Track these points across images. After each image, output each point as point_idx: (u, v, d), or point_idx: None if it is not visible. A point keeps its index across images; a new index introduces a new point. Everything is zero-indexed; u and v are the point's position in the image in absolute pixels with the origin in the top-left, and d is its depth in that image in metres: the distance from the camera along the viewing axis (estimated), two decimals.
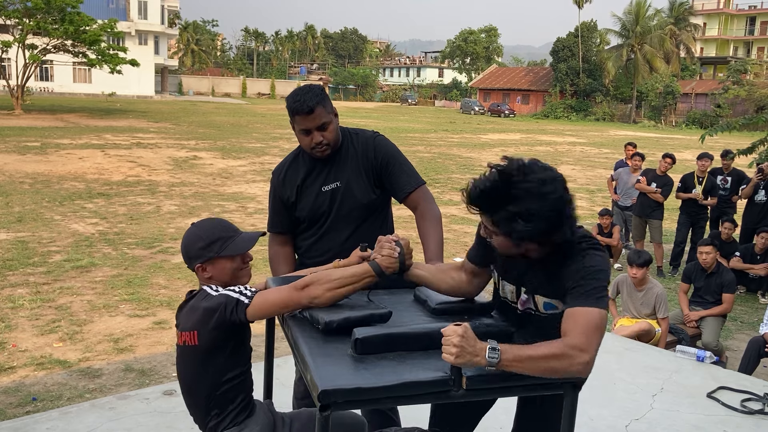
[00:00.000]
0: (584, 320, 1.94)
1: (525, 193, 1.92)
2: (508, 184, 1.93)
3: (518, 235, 1.95)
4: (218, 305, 2.21)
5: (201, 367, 2.27)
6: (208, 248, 2.35)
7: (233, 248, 2.37)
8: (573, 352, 1.88)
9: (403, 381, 1.88)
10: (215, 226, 2.40)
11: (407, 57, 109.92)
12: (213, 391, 2.28)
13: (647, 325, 5.72)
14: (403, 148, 3.20)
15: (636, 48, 51.10)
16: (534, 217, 1.92)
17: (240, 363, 2.32)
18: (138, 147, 19.62)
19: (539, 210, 1.92)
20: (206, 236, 2.36)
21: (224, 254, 2.35)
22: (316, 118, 2.73)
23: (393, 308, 2.37)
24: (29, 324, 5.81)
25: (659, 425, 4.00)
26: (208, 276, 2.36)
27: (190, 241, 2.38)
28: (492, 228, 2.04)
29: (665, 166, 8.89)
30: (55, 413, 3.86)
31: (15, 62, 32.01)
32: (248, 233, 2.45)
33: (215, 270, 2.35)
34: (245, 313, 2.19)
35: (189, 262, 2.39)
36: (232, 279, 2.37)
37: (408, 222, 9.27)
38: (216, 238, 2.36)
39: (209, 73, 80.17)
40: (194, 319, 2.25)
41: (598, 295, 1.99)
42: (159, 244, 8.83)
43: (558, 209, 1.95)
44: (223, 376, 2.28)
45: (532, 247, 2.05)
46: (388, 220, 3.04)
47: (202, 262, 2.35)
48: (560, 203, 1.96)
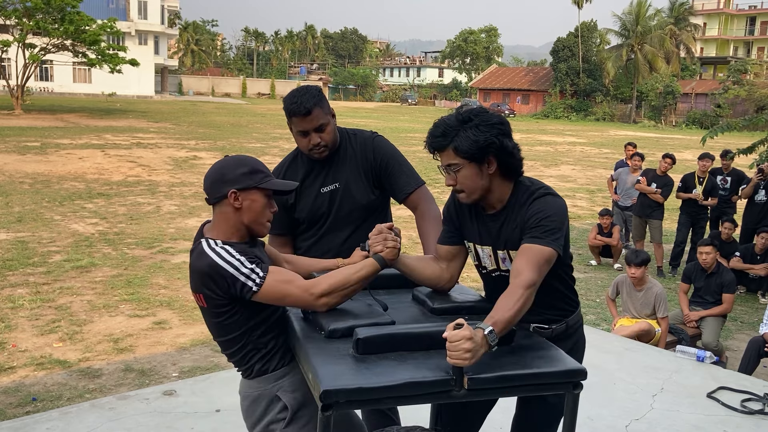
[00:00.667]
0: (535, 257, 2.16)
1: (474, 116, 2.26)
2: (457, 116, 2.28)
3: (476, 145, 2.21)
4: (219, 278, 2.08)
5: (222, 323, 2.19)
6: (250, 175, 2.15)
7: (276, 183, 2.22)
8: (532, 290, 2.12)
9: (405, 381, 1.88)
10: (257, 161, 2.23)
11: (407, 57, 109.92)
12: (248, 336, 2.20)
13: (647, 325, 5.72)
14: (403, 148, 3.20)
15: (636, 48, 51.09)
16: (484, 125, 2.23)
17: (266, 309, 2.21)
18: (138, 147, 19.62)
19: (487, 119, 2.24)
20: (250, 164, 2.18)
21: (265, 186, 2.18)
22: (314, 119, 2.72)
23: (392, 308, 2.37)
24: (29, 324, 5.81)
25: (659, 425, 4.00)
26: (237, 206, 2.14)
27: (230, 164, 2.17)
28: (454, 160, 2.26)
29: (665, 166, 8.89)
30: (55, 413, 3.86)
31: (15, 62, 32.00)
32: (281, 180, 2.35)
33: (248, 201, 2.15)
34: (251, 297, 2.11)
35: (220, 187, 2.14)
36: (256, 220, 2.18)
37: (408, 222, 9.27)
38: (259, 169, 2.19)
39: (209, 73, 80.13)
40: (195, 280, 2.16)
41: (553, 237, 2.21)
42: (159, 244, 8.83)
43: (500, 119, 2.27)
44: (252, 321, 2.18)
45: (492, 170, 2.26)
46: (387, 221, 3.04)
47: (240, 188, 2.13)
48: (502, 117, 2.30)
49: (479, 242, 2.43)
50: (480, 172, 2.26)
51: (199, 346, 5.48)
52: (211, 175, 2.19)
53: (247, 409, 2.30)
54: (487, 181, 2.28)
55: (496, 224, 2.36)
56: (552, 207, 2.25)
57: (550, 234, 2.20)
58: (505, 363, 2.01)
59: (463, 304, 2.45)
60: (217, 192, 2.16)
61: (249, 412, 2.30)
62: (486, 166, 2.25)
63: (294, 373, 2.26)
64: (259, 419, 2.27)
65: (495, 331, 1.95)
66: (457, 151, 2.24)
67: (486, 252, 2.42)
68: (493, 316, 2.01)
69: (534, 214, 2.23)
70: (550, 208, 2.24)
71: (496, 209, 2.35)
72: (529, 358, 2.09)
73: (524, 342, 2.19)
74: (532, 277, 2.11)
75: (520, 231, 2.27)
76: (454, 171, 2.27)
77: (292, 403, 2.22)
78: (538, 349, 2.17)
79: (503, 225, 2.34)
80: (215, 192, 2.17)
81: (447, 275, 2.52)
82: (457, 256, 2.52)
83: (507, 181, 2.32)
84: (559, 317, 2.43)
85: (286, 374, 2.25)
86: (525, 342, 2.19)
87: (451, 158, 2.26)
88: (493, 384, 1.96)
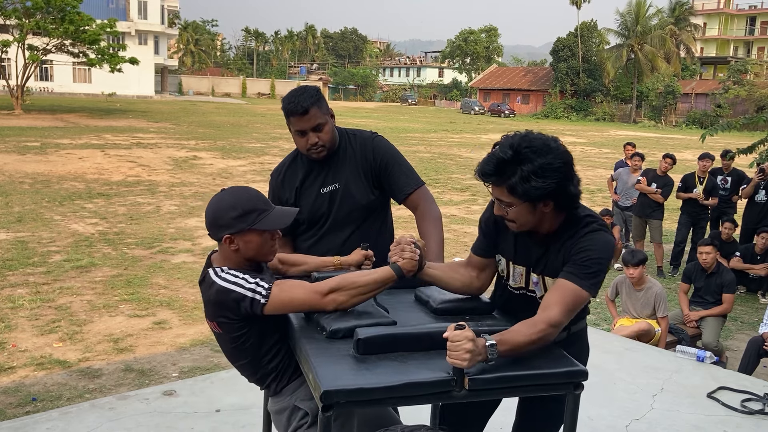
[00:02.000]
0: (571, 298, 2.08)
1: (534, 153, 2.04)
2: (516, 150, 2.05)
3: (536, 192, 2.04)
4: (229, 301, 2.12)
5: (236, 349, 2.27)
6: (242, 219, 2.15)
7: (268, 222, 2.19)
8: (554, 330, 2.04)
9: (406, 381, 1.88)
10: (251, 197, 2.21)
11: (407, 57, 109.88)
12: (258, 362, 2.28)
13: (647, 325, 5.72)
14: (403, 148, 3.20)
15: (636, 48, 51.08)
16: (547, 170, 2.03)
17: (276, 327, 2.28)
18: (138, 147, 19.62)
19: (551, 162, 2.04)
20: (241, 205, 2.17)
21: (258, 227, 2.17)
22: (311, 119, 2.72)
23: (393, 308, 2.37)
24: (29, 324, 5.80)
25: (659, 425, 4.00)
26: (234, 248, 2.18)
27: (222, 208, 2.18)
28: (508, 198, 2.11)
29: (665, 166, 8.89)
30: (55, 413, 3.86)
31: (15, 62, 31.99)
32: (283, 208, 2.32)
33: (243, 243, 2.18)
34: (262, 311, 2.13)
35: (216, 231, 2.19)
36: (257, 254, 2.22)
37: (408, 222, 9.28)
38: (252, 208, 2.17)
39: (209, 73, 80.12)
40: (209, 310, 2.22)
41: (594, 281, 2.12)
42: (159, 244, 8.83)
43: (566, 160, 2.08)
44: (262, 348, 2.26)
45: (547, 209, 2.12)
46: (387, 221, 3.04)
47: (233, 233, 2.16)
48: (567, 155, 2.10)
49: (514, 260, 2.36)
50: (534, 210, 2.13)
51: (199, 346, 5.48)
52: (207, 216, 2.24)
53: (277, 423, 2.41)
54: (540, 216, 2.16)
55: (538, 249, 2.27)
56: (602, 247, 2.14)
57: (593, 276, 2.11)
58: (506, 363, 2.01)
59: (465, 305, 2.44)
60: (214, 235, 2.22)
61: (278, 425, 2.41)
62: (542, 205, 2.11)
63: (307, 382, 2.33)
64: (286, 429, 2.37)
65: (497, 348, 1.93)
66: (512, 192, 2.08)
67: (518, 271, 2.36)
68: (503, 335, 1.97)
69: (582, 250, 2.12)
70: (600, 248, 2.14)
71: (542, 234, 2.25)
72: (530, 358, 2.08)
73: None
74: (560, 319, 2.06)
75: (563, 260, 2.18)
76: (506, 206, 2.15)
77: (311, 408, 2.28)
78: (538, 349, 2.16)
79: (546, 252, 2.25)
80: (213, 234, 2.22)
81: (478, 283, 2.48)
82: (489, 266, 2.47)
83: (559, 213, 2.19)
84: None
85: (299, 386, 2.32)
86: None
87: (504, 196, 2.12)
88: (494, 384, 1.96)
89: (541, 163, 2.02)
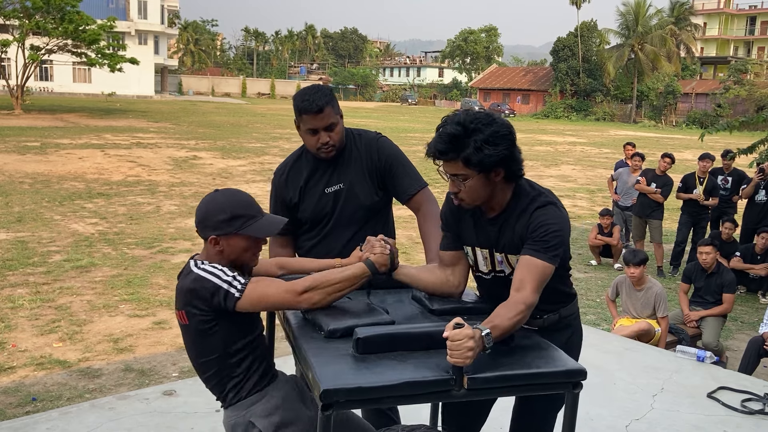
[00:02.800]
0: (538, 273, 2.19)
1: (481, 124, 2.18)
2: (464, 125, 2.18)
3: (489, 159, 2.16)
4: (202, 290, 2.11)
5: (200, 343, 2.20)
6: (229, 222, 2.18)
7: (256, 229, 2.21)
8: (530, 308, 2.15)
9: (405, 380, 1.89)
10: (241, 201, 2.23)
11: (407, 57, 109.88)
12: (223, 362, 2.20)
13: (647, 325, 5.72)
14: (403, 148, 3.19)
15: (636, 48, 51.07)
16: (497, 137, 2.17)
17: (245, 331, 2.22)
18: (138, 147, 19.62)
19: (498, 130, 2.17)
20: (231, 209, 2.19)
21: (243, 233, 2.19)
22: (325, 118, 2.71)
23: (392, 308, 2.37)
24: (29, 324, 5.81)
25: (659, 425, 4.00)
26: (218, 250, 2.20)
27: (211, 210, 2.20)
28: (463, 171, 2.21)
29: (665, 165, 8.89)
30: (55, 413, 3.86)
31: (15, 62, 32.00)
32: (272, 216, 2.32)
33: (228, 246, 2.20)
34: (234, 305, 2.11)
35: (203, 231, 2.22)
36: (240, 259, 2.23)
37: (408, 222, 9.27)
38: (240, 213, 2.19)
39: (209, 72, 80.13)
40: (180, 298, 2.18)
41: (554, 252, 2.22)
42: (159, 244, 8.83)
43: (510, 128, 2.22)
44: (228, 348, 2.19)
45: (498, 178, 2.24)
46: (389, 222, 3.04)
47: (218, 235, 2.19)
48: (509, 124, 2.23)
49: (477, 244, 2.43)
50: (487, 181, 2.23)
51: None
52: (198, 214, 2.25)
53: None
54: (492, 188, 2.27)
55: (494, 228, 2.36)
56: (557, 220, 2.25)
57: (553, 249, 2.22)
58: (505, 363, 2.02)
59: (462, 305, 2.45)
60: (201, 233, 2.25)
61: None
62: (493, 175, 2.23)
63: (270, 397, 2.25)
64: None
65: (492, 335, 1.97)
66: (467, 163, 2.18)
67: (483, 254, 2.42)
68: (492, 321, 2.02)
69: (539, 226, 2.23)
70: (554, 221, 2.24)
71: (495, 212, 2.35)
72: (529, 357, 2.09)
73: (524, 342, 2.19)
74: (534, 297, 2.16)
75: (520, 238, 2.27)
76: (461, 180, 2.24)
77: (267, 427, 2.20)
78: (537, 348, 2.17)
79: (502, 228, 2.34)
80: (200, 232, 2.25)
81: (454, 281, 2.52)
82: (461, 260, 2.52)
83: (508, 185, 2.31)
84: (551, 308, 2.43)
85: (258, 400, 2.24)
86: (525, 342, 2.19)
87: (459, 169, 2.21)
88: (493, 384, 1.96)
89: (490, 131, 2.16)
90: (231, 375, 2.22)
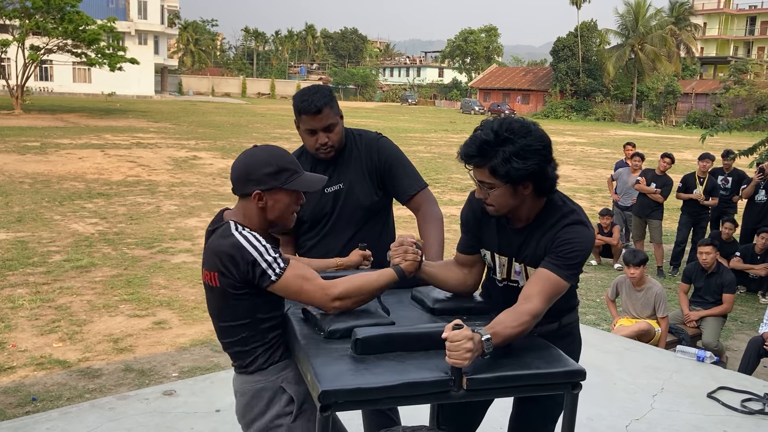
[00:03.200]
0: (550, 287, 2.14)
1: (515, 135, 2.11)
2: (497, 132, 2.12)
3: (516, 173, 2.10)
4: (242, 261, 2.04)
5: (230, 307, 2.13)
6: (276, 175, 2.10)
7: (302, 183, 2.16)
8: (535, 320, 2.11)
9: (404, 381, 1.89)
10: (285, 155, 2.16)
11: (407, 57, 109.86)
12: (255, 327, 2.15)
13: (647, 325, 5.72)
14: (403, 148, 3.20)
15: (637, 48, 51.06)
16: (528, 151, 2.10)
17: (274, 306, 2.18)
18: (138, 147, 19.62)
19: (531, 144, 2.10)
20: (276, 162, 2.12)
21: (289, 187, 2.13)
22: (323, 118, 2.72)
23: (392, 308, 2.37)
24: (29, 324, 5.81)
25: (659, 425, 4.00)
26: (261, 206, 2.12)
27: (256, 162, 2.11)
28: (489, 180, 2.16)
29: (664, 165, 8.89)
30: (54, 413, 3.86)
31: (15, 62, 32.00)
32: (312, 174, 2.26)
33: (272, 201, 2.12)
34: (268, 286, 2.07)
35: (245, 186, 2.11)
36: (281, 216, 2.16)
37: (408, 222, 9.27)
38: (285, 167, 2.13)
39: (209, 73, 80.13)
40: (214, 260, 2.09)
41: (572, 271, 2.18)
42: (159, 244, 8.83)
43: (545, 143, 2.14)
44: (259, 314, 2.14)
45: (527, 191, 2.18)
46: (389, 222, 3.04)
47: (264, 189, 2.10)
48: (546, 138, 2.16)
49: (497, 251, 2.40)
50: (515, 193, 2.18)
51: (198, 346, 5.48)
52: (237, 169, 2.15)
53: (246, 405, 2.21)
54: (520, 200, 2.22)
55: (519, 238, 2.32)
56: (582, 239, 2.20)
57: (572, 268, 2.18)
58: (504, 363, 2.02)
59: (462, 306, 2.45)
60: (242, 189, 2.14)
61: (248, 408, 2.21)
62: (521, 187, 2.17)
63: (295, 365, 2.23)
64: (262, 413, 2.19)
65: (492, 341, 1.96)
66: (494, 173, 2.14)
67: (501, 261, 2.40)
68: (493, 327, 2.01)
69: (564, 243, 2.18)
70: (580, 240, 2.19)
71: (523, 224, 2.30)
72: (528, 358, 2.09)
73: (523, 342, 2.18)
74: (542, 310, 2.12)
75: (544, 251, 2.23)
76: (487, 188, 2.20)
77: (297, 394, 2.18)
78: (536, 349, 2.17)
79: (527, 240, 2.29)
80: (240, 188, 2.14)
81: (471, 281, 2.52)
82: (477, 263, 2.51)
83: (539, 199, 2.25)
84: (551, 320, 2.40)
85: (288, 365, 2.21)
86: (524, 342, 2.19)
87: (486, 177, 2.17)
88: (492, 384, 1.96)
89: (522, 145, 2.09)
90: (263, 340, 2.17)
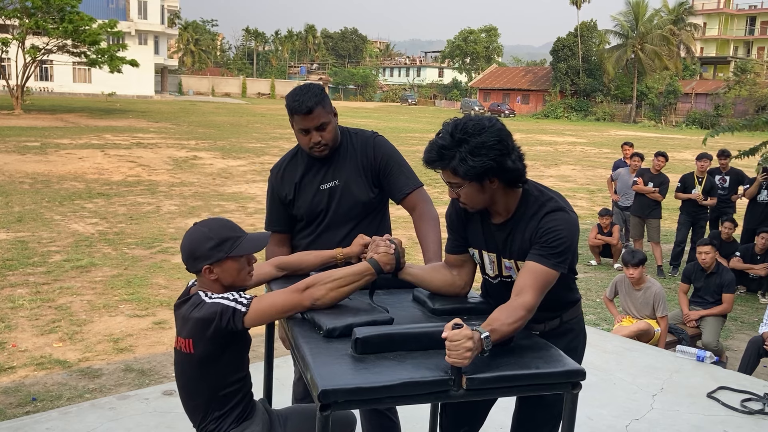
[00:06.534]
0: (541, 279, 2.17)
1: (468, 135, 2.15)
2: (452, 135, 2.17)
3: (474, 171, 2.14)
4: (212, 315, 2.16)
5: (199, 374, 2.24)
6: (218, 248, 2.24)
7: (244, 248, 2.27)
8: (530, 314, 2.14)
9: (404, 381, 1.88)
10: (222, 226, 2.30)
11: (407, 57, 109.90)
12: (213, 394, 2.25)
13: (646, 325, 5.72)
14: (403, 148, 3.20)
15: (637, 48, 51.05)
16: (482, 149, 2.13)
17: (240, 368, 2.30)
18: (138, 147, 19.62)
19: (484, 141, 2.13)
20: (215, 236, 2.25)
21: (234, 254, 2.25)
22: (315, 118, 2.73)
23: (392, 308, 2.37)
24: (29, 324, 5.81)
25: (659, 425, 4.00)
26: (213, 278, 2.26)
27: (197, 240, 2.25)
28: (455, 179, 2.21)
29: (659, 164, 8.90)
30: (55, 413, 3.86)
31: (15, 62, 31.99)
32: (255, 233, 2.38)
33: (222, 271, 2.26)
34: (243, 322, 2.17)
35: (194, 264, 2.26)
36: (236, 281, 2.29)
37: (407, 222, 9.27)
38: (226, 237, 2.26)
39: (209, 73, 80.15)
40: (188, 327, 2.21)
41: (560, 259, 2.20)
42: (159, 244, 8.83)
43: (500, 137, 2.16)
44: (222, 381, 2.25)
45: (494, 185, 2.21)
46: (385, 220, 3.04)
47: (211, 263, 2.24)
48: (501, 132, 2.18)
49: (485, 248, 2.42)
50: (482, 188, 2.22)
51: None
52: (184, 249, 2.29)
53: None
54: (490, 195, 2.25)
55: (503, 233, 2.33)
56: (564, 226, 2.22)
57: (559, 255, 2.20)
58: (504, 363, 2.02)
59: (462, 305, 2.45)
60: (194, 267, 2.27)
61: None
62: (488, 182, 2.20)
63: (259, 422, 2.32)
64: None
65: (491, 339, 1.96)
66: (455, 173, 2.19)
67: (490, 258, 2.41)
68: (491, 324, 2.02)
69: (546, 232, 2.20)
70: (563, 227, 2.21)
71: (503, 218, 2.32)
72: (528, 358, 2.09)
73: (523, 342, 2.19)
74: (533, 302, 2.15)
75: (529, 243, 2.25)
76: (456, 188, 2.24)
77: None
78: (536, 349, 2.17)
79: (511, 235, 2.31)
80: (192, 266, 2.28)
81: (460, 282, 2.52)
82: (466, 263, 2.52)
83: (513, 191, 2.28)
84: (553, 315, 2.42)
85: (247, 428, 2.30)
86: (524, 342, 2.19)
87: (451, 177, 2.22)
88: (492, 384, 1.96)
89: (476, 143, 2.13)
90: (216, 407, 2.27)
